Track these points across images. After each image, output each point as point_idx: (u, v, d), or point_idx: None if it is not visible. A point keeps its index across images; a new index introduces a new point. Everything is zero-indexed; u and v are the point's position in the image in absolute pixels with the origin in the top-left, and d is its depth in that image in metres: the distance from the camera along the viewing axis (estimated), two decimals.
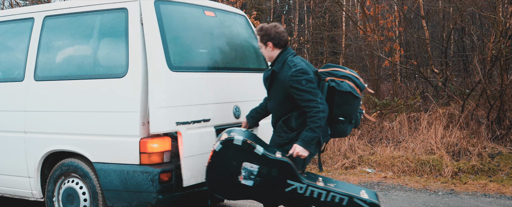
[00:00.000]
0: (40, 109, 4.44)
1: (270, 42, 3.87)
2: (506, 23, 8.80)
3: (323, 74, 3.89)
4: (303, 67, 3.73)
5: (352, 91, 3.78)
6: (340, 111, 3.83)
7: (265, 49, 3.93)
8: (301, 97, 3.69)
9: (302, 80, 3.67)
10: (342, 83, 3.80)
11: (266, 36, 3.88)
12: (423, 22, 11.17)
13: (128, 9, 4.04)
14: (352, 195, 3.77)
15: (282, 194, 3.77)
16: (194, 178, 4.08)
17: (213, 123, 4.26)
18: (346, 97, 3.80)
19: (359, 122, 4.03)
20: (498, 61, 8.52)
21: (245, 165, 3.73)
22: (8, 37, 4.92)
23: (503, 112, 8.33)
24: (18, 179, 4.62)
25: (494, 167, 7.27)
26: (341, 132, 3.95)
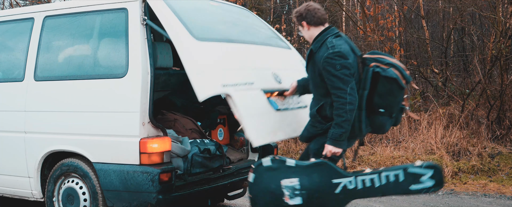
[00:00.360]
0: (40, 109, 4.44)
1: (303, 21, 3.68)
2: (506, 23, 8.79)
3: (369, 60, 3.64)
4: (341, 50, 3.46)
5: (397, 79, 3.53)
6: (381, 100, 3.57)
7: (302, 30, 3.74)
8: (331, 82, 3.45)
9: (336, 64, 3.43)
10: (387, 69, 3.55)
11: (299, 16, 3.70)
12: (423, 22, 11.17)
13: (128, 9, 4.04)
14: (404, 166, 3.47)
15: (335, 198, 3.47)
16: (262, 138, 3.78)
17: (258, 86, 4.03)
18: (390, 86, 3.54)
19: (399, 119, 3.77)
20: (498, 61, 8.51)
21: (284, 183, 3.46)
22: (8, 37, 4.92)
23: (503, 112, 8.33)
24: (18, 179, 4.62)
25: (494, 167, 7.27)
26: (379, 126, 3.67)
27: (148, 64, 3.95)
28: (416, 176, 3.44)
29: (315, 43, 3.65)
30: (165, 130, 4.07)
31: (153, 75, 3.96)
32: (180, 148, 4.31)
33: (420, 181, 3.43)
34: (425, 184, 3.44)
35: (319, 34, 3.66)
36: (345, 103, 3.40)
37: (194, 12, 4.34)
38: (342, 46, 3.51)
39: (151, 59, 3.97)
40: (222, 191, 4.68)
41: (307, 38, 3.77)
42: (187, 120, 4.85)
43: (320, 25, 3.68)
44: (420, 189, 3.45)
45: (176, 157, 4.30)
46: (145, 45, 3.96)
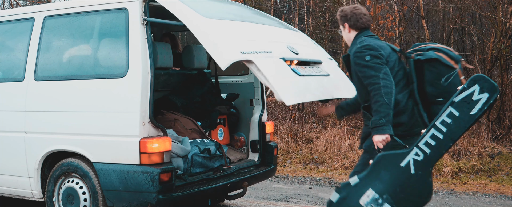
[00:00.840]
0: (40, 109, 4.44)
1: (346, 23, 3.61)
2: (506, 23, 8.79)
3: (410, 52, 3.56)
4: (369, 43, 3.40)
5: (439, 58, 3.37)
6: (434, 88, 3.40)
7: (343, 31, 3.67)
8: (363, 73, 3.35)
9: (366, 55, 3.35)
10: (427, 52, 3.42)
11: (344, 17, 3.62)
12: (423, 22, 11.17)
13: (128, 9, 4.04)
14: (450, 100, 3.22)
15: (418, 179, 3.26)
16: (293, 97, 3.68)
17: (276, 55, 3.99)
18: (435, 69, 3.38)
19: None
20: (498, 61, 8.52)
21: (363, 202, 3.32)
22: (8, 37, 4.92)
23: (503, 112, 8.34)
24: (18, 179, 4.62)
25: (494, 167, 7.27)
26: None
27: (148, 64, 3.95)
28: (468, 99, 3.17)
29: (352, 46, 3.57)
30: (165, 130, 4.07)
31: (153, 75, 3.96)
32: (180, 148, 4.31)
33: (474, 100, 3.15)
34: (482, 98, 3.15)
35: (356, 37, 3.60)
36: (380, 87, 3.26)
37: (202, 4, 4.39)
38: (372, 41, 3.44)
39: (151, 59, 3.97)
40: (222, 191, 4.67)
41: (346, 40, 3.69)
42: (187, 120, 4.85)
43: (361, 29, 3.60)
44: (481, 107, 3.16)
45: (176, 157, 4.30)
46: (145, 45, 3.96)
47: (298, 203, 5.98)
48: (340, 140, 8.53)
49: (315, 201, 6.01)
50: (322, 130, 9.29)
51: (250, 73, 5.29)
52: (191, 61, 5.22)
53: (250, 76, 5.32)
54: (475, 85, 3.15)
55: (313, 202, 6.00)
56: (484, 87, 3.14)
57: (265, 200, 6.10)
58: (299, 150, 8.83)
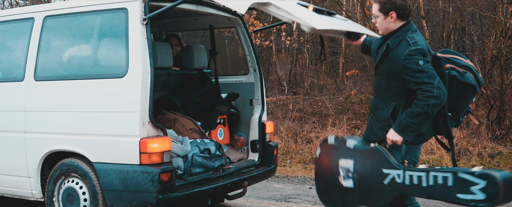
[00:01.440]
0: (40, 109, 4.44)
1: (393, 12, 3.33)
2: (506, 23, 8.79)
3: (443, 60, 3.38)
4: (423, 48, 3.21)
5: (476, 85, 3.30)
6: (452, 104, 3.32)
7: (384, 19, 3.37)
8: (415, 79, 3.17)
9: (419, 60, 3.16)
10: (466, 74, 3.30)
11: (392, 5, 3.33)
12: (423, 22, 11.17)
13: (128, 9, 4.04)
14: (456, 170, 3.09)
15: (384, 189, 3.31)
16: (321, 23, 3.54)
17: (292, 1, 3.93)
18: (466, 91, 3.31)
19: (460, 122, 3.55)
20: (498, 61, 8.52)
21: (341, 163, 3.46)
22: (8, 37, 4.92)
23: (503, 112, 8.33)
24: (18, 179, 4.62)
25: (494, 167, 7.27)
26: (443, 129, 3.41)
27: (148, 64, 3.95)
28: (466, 184, 3.03)
29: (394, 38, 3.34)
30: (165, 130, 4.07)
31: (153, 75, 3.96)
32: (180, 148, 4.31)
33: (470, 190, 3.01)
34: (475, 196, 3.00)
35: (399, 28, 3.36)
36: (431, 96, 3.12)
37: None
38: (423, 42, 3.28)
39: (151, 59, 3.97)
40: (222, 191, 4.67)
41: (383, 30, 3.41)
42: (187, 119, 4.85)
43: (405, 19, 3.37)
44: (468, 200, 3.03)
45: (176, 157, 4.30)
46: (145, 45, 3.96)
47: (298, 203, 5.98)
48: None
49: (315, 201, 6.01)
50: (322, 130, 9.29)
51: (250, 73, 5.29)
52: (191, 61, 5.23)
53: (250, 76, 5.32)
54: (484, 181, 2.98)
55: (313, 202, 5.99)
56: (487, 191, 2.97)
57: (265, 200, 6.10)
58: (299, 150, 8.83)
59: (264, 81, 5.34)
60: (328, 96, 11.75)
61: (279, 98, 12.05)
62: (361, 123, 9.38)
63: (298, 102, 11.42)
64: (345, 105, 10.33)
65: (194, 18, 5.48)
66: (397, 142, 3.29)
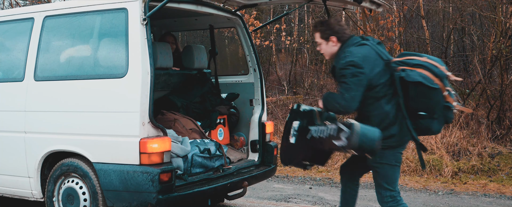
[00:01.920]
0: (40, 109, 4.44)
1: (333, 37, 3.62)
2: (506, 23, 8.79)
3: (396, 64, 3.55)
4: (354, 60, 3.43)
5: (423, 81, 3.41)
6: (416, 104, 3.46)
7: (326, 45, 3.67)
8: (339, 87, 3.48)
9: (347, 74, 3.42)
10: (410, 72, 3.46)
11: (330, 30, 3.62)
12: (423, 22, 11.17)
13: (128, 9, 4.04)
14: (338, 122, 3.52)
15: (307, 143, 3.64)
16: None
17: None
18: (418, 89, 3.43)
19: (450, 117, 3.59)
20: (498, 61, 8.52)
21: (293, 124, 3.78)
22: (8, 37, 4.92)
23: (503, 112, 8.34)
24: (18, 179, 4.62)
25: (494, 167, 7.27)
26: (424, 129, 3.55)
27: (148, 64, 3.94)
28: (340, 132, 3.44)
29: (337, 59, 3.62)
30: (165, 130, 4.06)
31: (153, 75, 3.96)
32: (180, 148, 4.31)
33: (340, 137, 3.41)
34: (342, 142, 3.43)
35: (340, 48, 3.63)
36: (338, 103, 3.47)
37: None
38: (358, 54, 3.47)
39: (151, 59, 3.96)
40: (222, 191, 4.67)
41: (328, 54, 3.71)
42: (187, 120, 4.85)
43: (344, 42, 3.64)
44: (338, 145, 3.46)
45: (176, 157, 4.30)
46: (145, 45, 3.96)
47: (298, 203, 5.98)
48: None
49: (315, 201, 6.01)
50: None
51: (250, 73, 5.29)
52: (191, 61, 5.23)
53: (250, 76, 5.32)
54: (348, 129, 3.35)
55: (313, 202, 6.00)
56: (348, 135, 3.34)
57: (265, 200, 6.10)
58: None
59: (264, 81, 5.34)
60: None
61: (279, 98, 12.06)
62: None
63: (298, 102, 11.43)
64: None
65: (194, 18, 5.48)
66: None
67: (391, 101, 3.53)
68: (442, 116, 3.56)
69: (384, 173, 3.65)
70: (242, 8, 5.41)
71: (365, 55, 3.48)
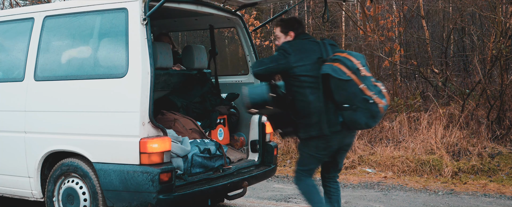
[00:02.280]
0: (40, 109, 4.44)
1: (292, 31, 4.02)
2: (506, 23, 8.79)
3: (328, 60, 3.86)
4: (285, 46, 3.89)
5: (331, 73, 3.70)
6: (337, 96, 3.74)
7: (285, 38, 4.04)
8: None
9: (276, 52, 3.92)
10: (324, 66, 3.77)
11: (289, 25, 4.03)
12: (423, 22, 11.17)
13: (128, 9, 4.04)
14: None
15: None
16: None
17: None
18: (332, 81, 3.72)
19: (375, 111, 3.77)
20: (498, 61, 8.52)
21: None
22: (8, 37, 4.92)
23: (503, 112, 8.33)
24: (18, 179, 4.62)
25: (494, 167, 7.27)
26: (351, 121, 3.78)
27: (148, 64, 3.95)
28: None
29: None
30: (165, 130, 4.06)
31: (153, 75, 3.96)
32: (180, 148, 4.31)
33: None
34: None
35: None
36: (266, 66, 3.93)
37: None
38: (294, 43, 3.92)
39: (151, 59, 3.96)
40: (222, 191, 4.67)
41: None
42: (187, 120, 4.85)
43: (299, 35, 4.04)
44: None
45: (176, 157, 4.30)
46: (145, 45, 3.96)
47: (298, 203, 5.98)
48: None
49: None
50: None
51: (250, 73, 5.29)
52: (191, 61, 5.23)
53: (250, 76, 5.32)
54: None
55: None
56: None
57: (265, 200, 6.10)
58: None
59: None
60: None
61: None
62: None
63: None
64: None
65: (194, 18, 5.48)
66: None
67: (317, 93, 3.80)
68: (366, 109, 3.74)
69: (301, 160, 4.04)
70: (242, 8, 5.41)
71: (299, 47, 3.89)
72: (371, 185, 6.84)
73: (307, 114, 3.81)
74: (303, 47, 3.90)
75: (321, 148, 3.90)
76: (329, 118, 3.79)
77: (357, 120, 3.75)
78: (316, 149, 3.91)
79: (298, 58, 3.82)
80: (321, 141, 3.85)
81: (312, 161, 3.99)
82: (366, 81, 3.73)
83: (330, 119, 3.79)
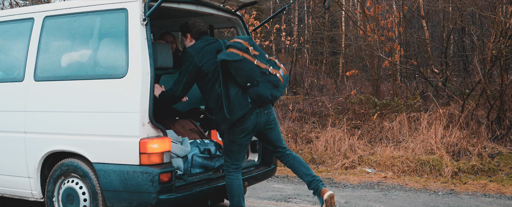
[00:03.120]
0: (40, 109, 4.44)
1: (188, 34, 4.36)
2: (506, 23, 8.79)
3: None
4: (190, 51, 4.19)
5: (225, 58, 4.01)
6: (239, 78, 4.05)
7: (185, 41, 4.39)
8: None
9: (184, 61, 4.22)
10: (218, 55, 4.08)
11: (186, 28, 4.37)
12: (423, 22, 11.17)
13: (128, 9, 4.04)
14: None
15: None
16: None
17: None
18: (230, 65, 4.03)
19: (275, 80, 4.13)
20: (498, 61, 8.52)
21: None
22: (8, 37, 4.92)
23: (503, 112, 8.33)
24: (18, 179, 4.62)
25: (494, 167, 7.27)
26: (257, 97, 4.08)
27: (148, 65, 3.95)
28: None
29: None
30: (165, 130, 4.07)
31: (153, 75, 3.96)
32: (180, 148, 4.31)
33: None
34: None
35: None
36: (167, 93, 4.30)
37: None
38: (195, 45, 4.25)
39: (151, 59, 3.97)
40: (222, 191, 4.67)
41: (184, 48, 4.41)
42: (186, 120, 4.85)
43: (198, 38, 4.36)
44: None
45: (176, 157, 4.30)
46: (145, 45, 3.96)
47: (298, 203, 5.98)
48: (340, 140, 8.53)
49: (315, 201, 6.01)
50: (322, 130, 9.29)
51: None
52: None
53: None
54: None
55: (313, 202, 6.00)
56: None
57: (265, 200, 6.10)
58: (299, 150, 8.83)
59: None
60: (328, 96, 11.76)
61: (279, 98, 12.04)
62: (361, 122, 9.38)
63: (298, 102, 11.43)
64: (345, 105, 10.33)
65: None
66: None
67: (220, 83, 4.10)
68: (267, 82, 4.09)
69: (225, 148, 4.33)
70: (242, 8, 5.40)
71: (198, 46, 4.21)
72: (371, 185, 6.84)
73: (220, 106, 4.10)
74: (201, 46, 4.22)
75: (237, 132, 4.16)
76: (239, 102, 4.03)
77: (262, 93, 4.07)
78: (234, 135, 4.17)
79: (200, 58, 4.15)
80: (239, 128, 4.14)
81: (234, 148, 4.25)
82: (258, 57, 4.11)
83: (240, 102, 4.04)
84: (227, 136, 4.24)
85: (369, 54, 11.58)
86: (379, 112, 9.40)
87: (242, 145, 4.26)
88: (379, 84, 11.37)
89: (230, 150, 4.29)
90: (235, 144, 4.24)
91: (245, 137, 4.22)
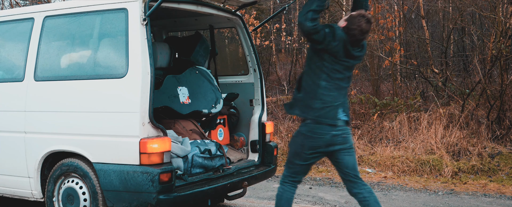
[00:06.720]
0: (40, 109, 4.44)
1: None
2: (506, 23, 8.79)
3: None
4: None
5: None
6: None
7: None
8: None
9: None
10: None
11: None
12: (423, 22, 11.17)
13: (128, 9, 4.04)
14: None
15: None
16: None
17: None
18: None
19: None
20: (498, 61, 8.52)
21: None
22: (8, 37, 4.92)
23: (503, 112, 8.33)
24: (18, 179, 4.62)
25: (494, 167, 7.27)
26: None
27: (148, 65, 3.95)
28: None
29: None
30: (165, 130, 4.07)
31: (153, 75, 3.96)
32: (180, 148, 4.31)
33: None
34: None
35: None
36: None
37: None
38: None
39: (151, 59, 3.96)
40: (222, 191, 4.67)
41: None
42: (187, 120, 4.85)
43: None
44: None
45: (176, 157, 4.30)
46: (145, 45, 3.96)
47: (298, 203, 5.98)
48: None
49: (315, 201, 6.01)
50: None
51: (250, 73, 5.29)
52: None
53: (250, 76, 5.32)
54: None
55: (313, 202, 6.00)
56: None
57: (265, 200, 6.10)
58: None
59: (264, 82, 5.34)
60: None
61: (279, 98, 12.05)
62: (361, 122, 9.38)
63: None
64: None
65: (194, 18, 5.47)
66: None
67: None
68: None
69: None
70: (242, 8, 5.40)
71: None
72: (371, 185, 6.84)
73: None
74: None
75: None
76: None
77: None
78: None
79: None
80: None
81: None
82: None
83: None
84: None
85: (369, 54, 11.58)
86: (379, 112, 9.40)
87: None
88: (379, 84, 11.37)
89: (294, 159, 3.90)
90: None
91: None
